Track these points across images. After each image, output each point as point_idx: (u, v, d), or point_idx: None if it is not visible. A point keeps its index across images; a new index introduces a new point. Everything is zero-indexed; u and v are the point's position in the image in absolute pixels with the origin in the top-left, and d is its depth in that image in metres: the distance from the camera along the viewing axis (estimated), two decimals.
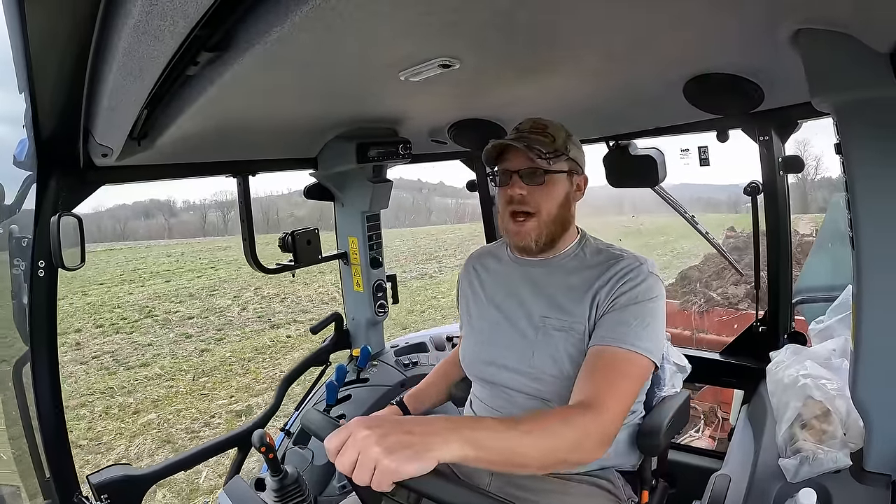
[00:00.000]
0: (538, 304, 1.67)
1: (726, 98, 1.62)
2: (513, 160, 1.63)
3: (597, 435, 1.29)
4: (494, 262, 1.87)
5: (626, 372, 1.44)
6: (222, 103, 1.39)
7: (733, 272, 8.46)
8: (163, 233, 41.36)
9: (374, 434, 1.01)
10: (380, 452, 0.98)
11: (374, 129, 2.27)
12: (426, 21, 1.02)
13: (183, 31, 0.85)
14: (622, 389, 1.40)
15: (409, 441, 1.02)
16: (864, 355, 1.26)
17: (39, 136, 1.49)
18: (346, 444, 1.02)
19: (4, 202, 1.65)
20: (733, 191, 30.74)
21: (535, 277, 1.72)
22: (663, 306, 1.57)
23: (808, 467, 1.43)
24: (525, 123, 1.67)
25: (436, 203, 51.90)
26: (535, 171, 1.60)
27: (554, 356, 1.59)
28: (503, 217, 1.68)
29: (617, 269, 1.59)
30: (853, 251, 1.24)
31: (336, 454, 1.03)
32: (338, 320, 2.91)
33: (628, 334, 1.48)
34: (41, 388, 1.70)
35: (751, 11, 1.06)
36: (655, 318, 1.53)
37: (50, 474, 1.75)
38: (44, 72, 1.19)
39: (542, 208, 1.62)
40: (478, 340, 1.78)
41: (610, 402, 1.34)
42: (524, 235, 1.64)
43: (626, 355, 1.46)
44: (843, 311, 1.92)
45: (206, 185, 66.48)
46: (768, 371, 1.91)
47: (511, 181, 1.63)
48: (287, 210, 40.43)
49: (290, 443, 2.44)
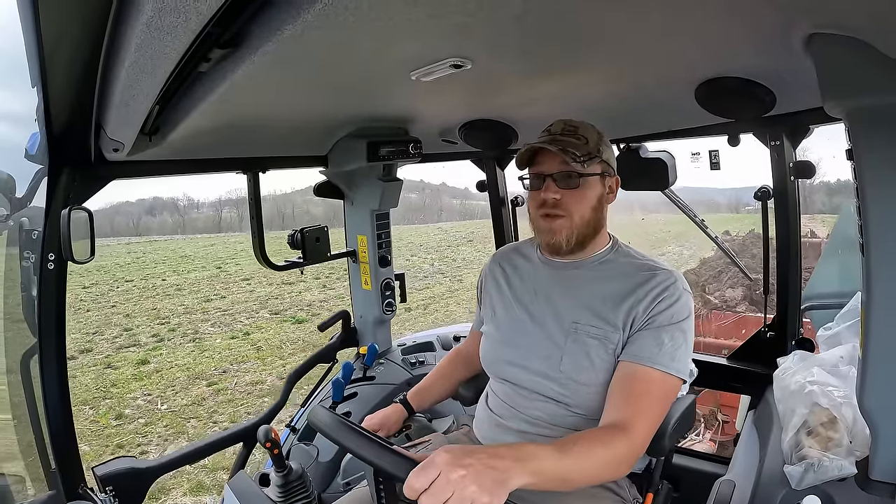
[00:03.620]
0: (569, 308, 1.65)
1: (738, 102, 1.61)
2: (546, 163, 1.62)
3: (630, 457, 1.37)
4: (523, 260, 1.85)
5: (660, 395, 1.48)
6: (233, 100, 1.39)
7: (730, 275, 8.46)
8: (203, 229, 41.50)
9: (462, 468, 1.04)
10: (476, 492, 1.02)
11: (384, 128, 2.28)
12: (438, 21, 1.02)
13: (195, 27, 0.85)
14: (654, 413, 1.46)
15: (493, 476, 1.06)
16: (872, 363, 1.25)
17: (51, 130, 1.50)
18: (437, 483, 1.02)
19: (16, 195, 1.66)
20: (732, 194, 30.74)
21: (567, 280, 1.70)
22: (693, 323, 1.58)
23: (814, 474, 1.42)
24: (556, 125, 1.65)
25: (445, 203, 52.27)
26: (570, 175, 1.59)
27: (584, 363, 1.57)
28: (535, 218, 1.67)
29: (654, 285, 1.58)
30: (863, 258, 1.23)
31: (420, 492, 1.03)
32: (345, 318, 2.92)
33: (664, 355, 1.49)
34: (48, 380, 1.71)
35: (764, 16, 1.05)
36: (687, 337, 1.54)
37: (55, 465, 1.76)
38: (56, 66, 1.20)
39: (574, 211, 1.61)
40: (502, 340, 1.76)
41: (643, 425, 1.41)
42: (555, 232, 1.62)
43: (660, 377, 1.48)
44: (851, 318, 1.91)
45: (221, 182, 67.02)
46: (775, 377, 1.90)
47: (544, 185, 1.61)
48: (303, 207, 40.48)
49: (295, 439, 2.45)
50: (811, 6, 0.99)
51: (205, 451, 2.27)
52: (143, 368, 9.06)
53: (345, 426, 1.30)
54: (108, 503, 1.80)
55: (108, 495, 1.82)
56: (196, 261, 20.34)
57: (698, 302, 7.09)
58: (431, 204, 51.06)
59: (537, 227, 1.68)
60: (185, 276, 17.35)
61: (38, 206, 1.65)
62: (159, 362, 9.36)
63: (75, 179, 1.69)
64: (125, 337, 11.03)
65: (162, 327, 11.68)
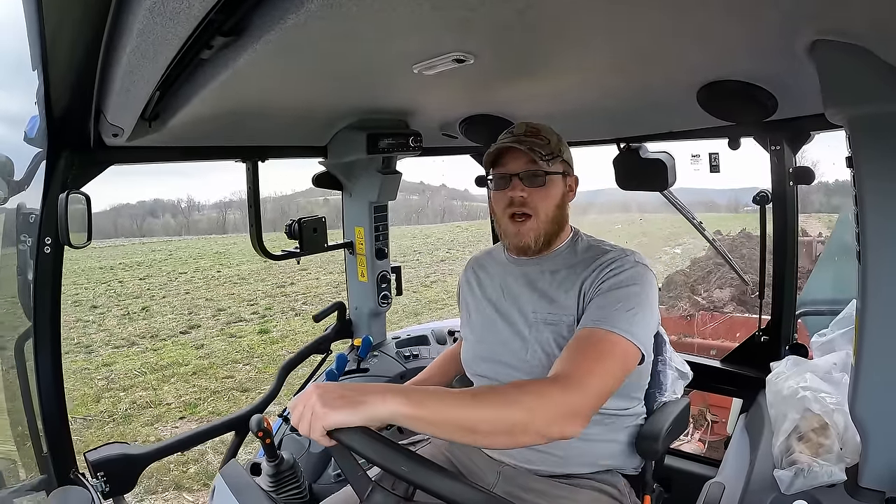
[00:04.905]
0: (531, 301, 1.69)
1: (740, 105, 1.61)
2: (512, 163, 1.65)
3: (562, 406, 1.25)
4: (492, 263, 1.89)
5: (606, 351, 1.40)
6: (235, 88, 1.39)
7: (718, 276, 8.46)
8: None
9: (318, 391, 1.14)
10: (316, 403, 1.11)
11: (385, 120, 2.28)
12: (442, 15, 1.02)
13: (198, 14, 0.85)
14: (600, 367, 1.35)
15: (346, 395, 1.14)
16: (865, 371, 1.26)
17: (51, 113, 1.49)
18: (298, 400, 1.16)
19: (14, 178, 1.65)
20: (730, 195, 30.81)
21: (529, 275, 1.73)
22: (651, 295, 1.55)
23: (803, 480, 1.43)
24: (518, 128, 1.69)
25: (448, 205, 52.74)
26: (536, 174, 1.62)
27: (546, 349, 1.60)
28: (501, 220, 1.70)
29: (603, 260, 1.60)
30: (860, 265, 1.23)
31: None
32: (341, 309, 2.92)
33: (610, 317, 1.45)
34: (42, 364, 1.71)
35: (768, 21, 1.05)
36: (641, 304, 1.50)
37: (47, 450, 1.75)
38: (58, 50, 1.20)
39: (540, 209, 1.64)
40: (476, 339, 1.80)
41: (584, 377, 1.31)
42: (524, 235, 1.65)
43: (607, 336, 1.42)
44: (846, 325, 1.91)
45: (223, 184, 67.63)
46: (768, 381, 1.90)
47: (511, 184, 1.64)
48: (307, 209, 40.83)
49: (287, 429, 2.45)
50: (814, 12, 0.99)
51: (197, 439, 2.27)
52: (266, 336, 10.14)
53: None
54: (100, 488, 1.80)
55: (99, 481, 1.82)
56: (231, 257, 20.87)
57: (686, 303, 7.12)
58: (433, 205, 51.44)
59: (504, 230, 1.71)
60: (235, 268, 18.10)
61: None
62: (281, 330, 10.46)
63: (74, 163, 1.68)
64: (224, 315, 12.30)
65: (253, 307, 13.00)
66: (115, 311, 13.23)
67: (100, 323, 12.08)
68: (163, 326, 11.59)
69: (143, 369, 8.69)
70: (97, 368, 8.86)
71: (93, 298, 14.67)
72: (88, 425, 6.55)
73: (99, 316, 12.75)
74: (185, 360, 9.15)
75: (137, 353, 9.71)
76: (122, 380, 8.23)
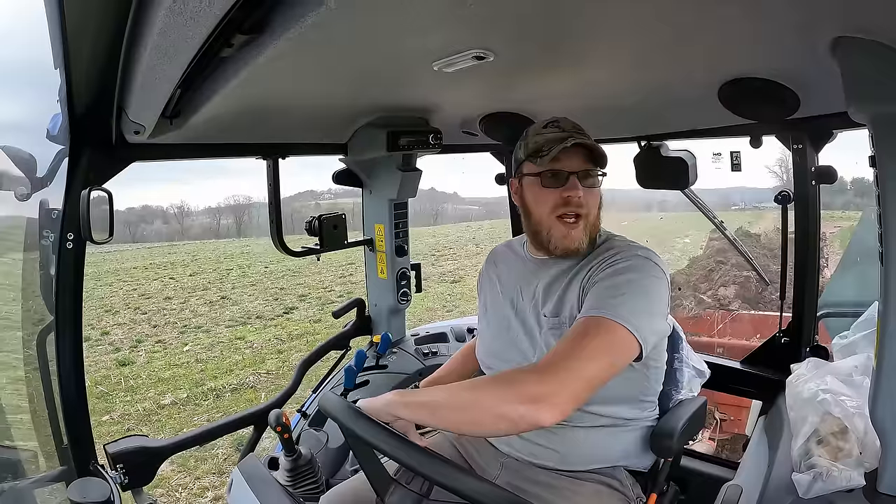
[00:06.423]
0: (544, 301, 1.67)
1: (761, 103, 1.59)
2: (570, 160, 1.58)
3: (533, 392, 1.23)
4: (514, 258, 1.86)
5: (590, 335, 1.35)
6: (255, 86, 1.40)
7: (721, 274, 8.38)
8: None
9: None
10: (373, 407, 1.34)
11: (405, 118, 2.28)
12: (461, 12, 1.01)
13: (218, 12, 0.86)
14: (581, 352, 1.31)
15: (384, 400, 1.37)
16: (886, 374, 1.23)
17: (73, 111, 1.51)
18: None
19: (37, 174, 1.67)
20: (721, 194, 30.49)
21: (548, 275, 1.70)
22: (650, 284, 1.49)
23: (822, 484, 1.41)
24: (565, 122, 1.62)
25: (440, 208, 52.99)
26: (591, 173, 1.59)
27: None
28: (545, 220, 1.62)
29: (607, 253, 1.58)
30: (882, 267, 1.21)
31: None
32: (360, 306, 2.93)
33: (599, 304, 1.42)
34: (63, 358, 1.73)
35: (790, 17, 1.04)
36: (634, 291, 1.45)
37: (67, 441, 1.78)
38: (80, 48, 1.21)
39: (591, 212, 1.61)
40: (491, 334, 1.80)
41: (561, 362, 1.29)
42: (574, 238, 1.60)
43: (594, 321, 1.38)
44: (868, 327, 1.88)
45: (216, 189, 67.74)
46: (788, 383, 1.88)
47: (567, 183, 1.57)
48: (303, 213, 40.77)
49: (305, 424, 2.46)
50: (837, 9, 0.98)
51: (216, 433, 2.30)
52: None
53: (354, 412, 1.31)
54: (119, 480, 1.83)
55: (118, 473, 1.85)
56: (254, 256, 20.86)
57: (691, 302, 7.09)
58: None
59: (548, 230, 1.63)
60: (279, 264, 18.21)
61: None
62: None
63: (96, 160, 1.70)
64: (312, 300, 13.26)
65: (329, 293, 13.89)
66: (192, 301, 13.73)
67: (192, 309, 12.85)
68: (262, 309, 12.61)
69: (276, 339, 10.14)
70: (231, 341, 10.17)
71: (162, 290, 15.10)
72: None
73: (179, 304, 13.38)
74: (312, 330, 10.62)
75: (258, 329, 10.96)
76: (262, 349, 9.55)
